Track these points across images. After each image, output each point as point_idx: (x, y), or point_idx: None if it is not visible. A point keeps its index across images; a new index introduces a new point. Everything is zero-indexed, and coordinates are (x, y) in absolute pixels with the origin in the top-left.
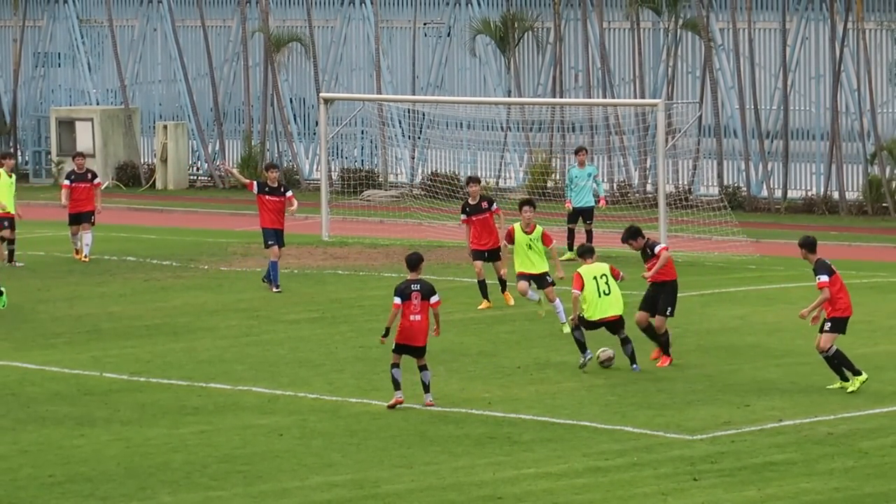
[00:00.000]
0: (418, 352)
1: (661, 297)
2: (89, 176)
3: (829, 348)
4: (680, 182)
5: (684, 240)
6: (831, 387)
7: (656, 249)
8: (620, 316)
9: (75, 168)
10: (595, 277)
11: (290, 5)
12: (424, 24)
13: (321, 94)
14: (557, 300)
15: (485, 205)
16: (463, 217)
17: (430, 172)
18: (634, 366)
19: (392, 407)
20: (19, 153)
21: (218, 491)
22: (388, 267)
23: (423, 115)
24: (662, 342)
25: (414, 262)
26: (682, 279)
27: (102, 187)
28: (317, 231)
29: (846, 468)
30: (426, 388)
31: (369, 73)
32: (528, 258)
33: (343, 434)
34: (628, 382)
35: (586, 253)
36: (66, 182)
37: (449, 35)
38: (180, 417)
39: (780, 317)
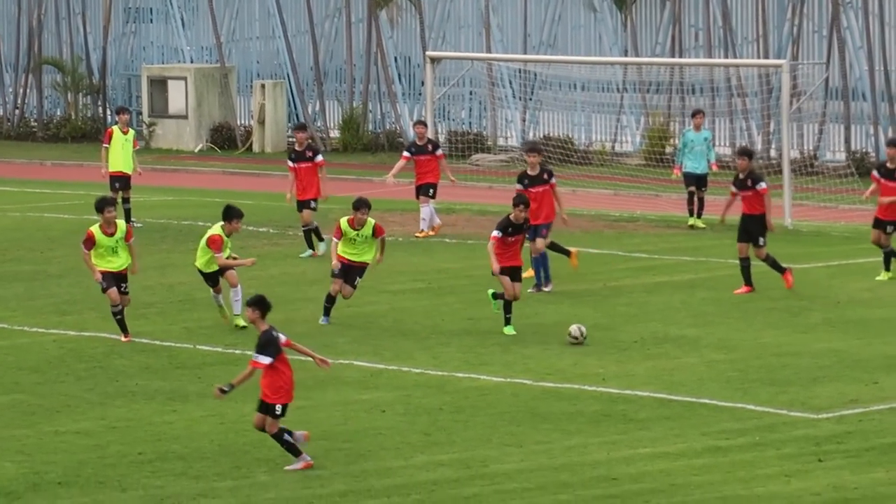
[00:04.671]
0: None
1: (752, 228)
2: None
3: None
4: (805, 147)
5: (810, 208)
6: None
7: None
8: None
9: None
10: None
11: None
12: None
13: (427, 53)
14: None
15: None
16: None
17: (542, 135)
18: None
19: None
20: (108, 114)
21: (318, 470)
22: None
23: (535, 75)
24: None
25: (268, 307)
26: (807, 249)
27: (197, 150)
28: None
29: None
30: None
31: (478, 30)
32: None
33: (449, 410)
34: (750, 357)
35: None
36: (407, 153)
37: None
38: None
39: None
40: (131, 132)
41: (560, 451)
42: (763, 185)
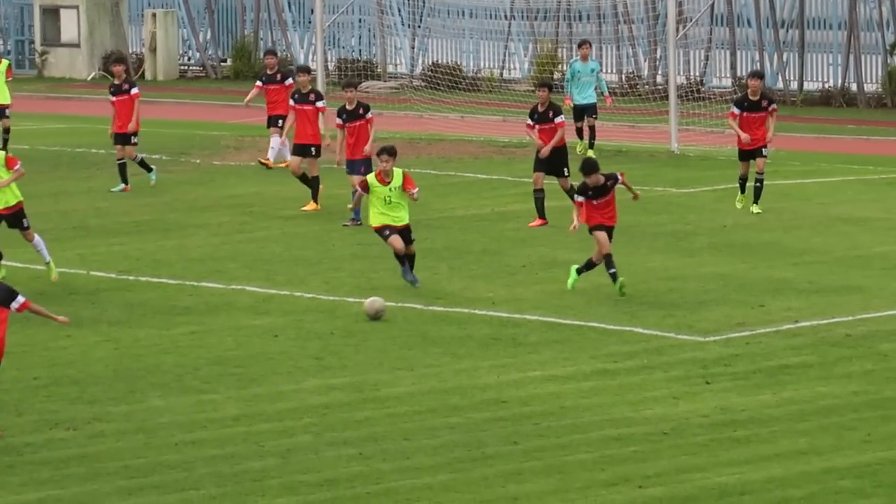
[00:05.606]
0: None
1: (555, 160)
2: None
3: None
4: (691, 73)
5: (696, 133)
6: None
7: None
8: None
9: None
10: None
11: None
12: None
13: None
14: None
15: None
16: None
17: (430, 63)
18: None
19: None
20: (1, 42)
21: (210, 394)
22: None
23: (424, 2)
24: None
25: None
26: (694, 174)
27: (89, 78)
28: None
29: (865, 371)
30: None
31: None
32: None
33: (341, 335)
34: (638, 282)
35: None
36: (259, 83)
37: None
38: (171, 318)
39: (797, 214)
40: (4, 62)
41: (450, 374)
42: (561, 118)
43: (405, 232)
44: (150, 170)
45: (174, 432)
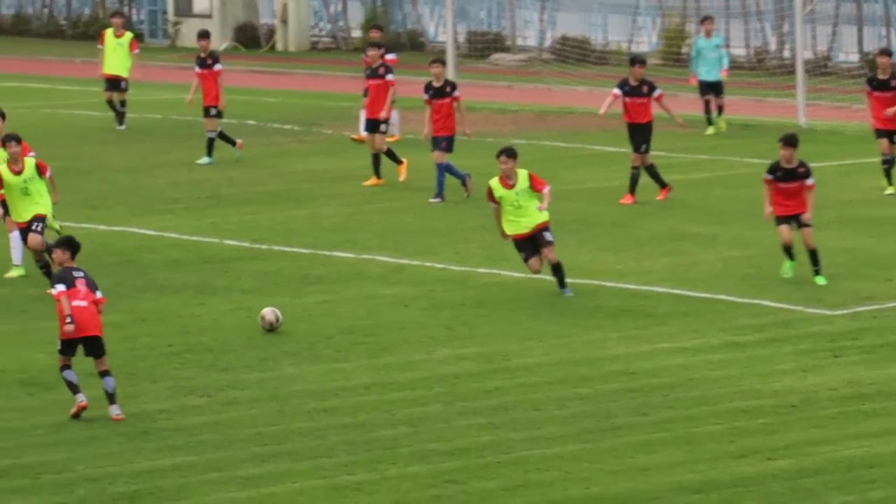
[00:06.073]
0: (95, 348)
1: (636, 136)
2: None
3: None
4: (818, 48)
5: (823, 108)
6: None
7: None
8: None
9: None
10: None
11: None
12: None
13: None
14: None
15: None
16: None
17: (559, 36)
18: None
19: (76, 415)
20: (134, 12)
21: (342, 363)
22: (517, 133)
23: None
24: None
25: (77, 248)
26: (821, 148)
27: (222, 48)
28: None
29: None
30: (112, 399)
31: None
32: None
33: (471, 305)
34: (766, 255)
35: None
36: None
37: None
38: (303, 287)
39: None
40: (127, 36)
41: (580, 345)
42: (659, 91)
43: (539, 235)
44: (232, 143)
45: (307, 400)
